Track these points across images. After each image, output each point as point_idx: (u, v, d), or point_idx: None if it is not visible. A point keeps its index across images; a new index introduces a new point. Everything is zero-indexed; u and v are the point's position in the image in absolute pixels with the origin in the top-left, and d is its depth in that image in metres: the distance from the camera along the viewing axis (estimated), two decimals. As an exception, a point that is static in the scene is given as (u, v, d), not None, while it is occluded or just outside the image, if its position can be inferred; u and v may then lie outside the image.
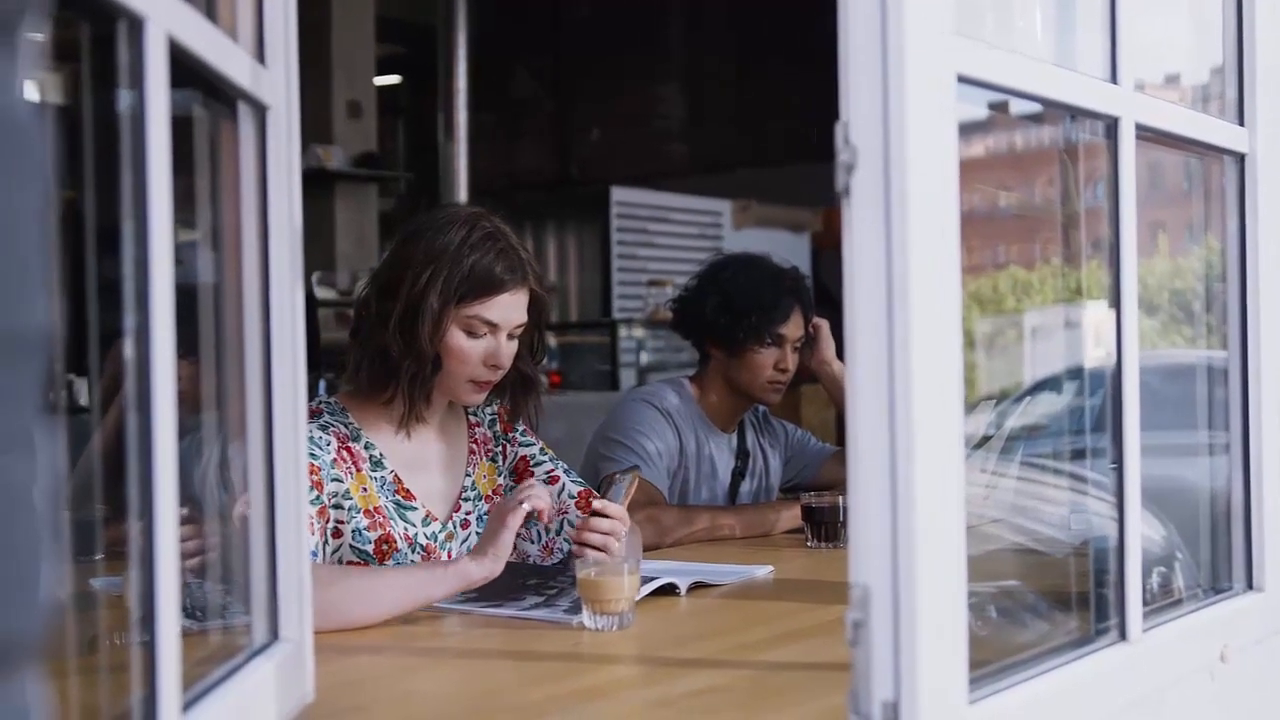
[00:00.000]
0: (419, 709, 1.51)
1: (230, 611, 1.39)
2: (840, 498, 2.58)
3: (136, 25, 0.95)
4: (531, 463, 2.34)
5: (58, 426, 0.60)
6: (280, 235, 1.33)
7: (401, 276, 2.11)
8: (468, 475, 2.28)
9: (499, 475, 2.32)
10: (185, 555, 1.34)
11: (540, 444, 2.37)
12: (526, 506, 1.92)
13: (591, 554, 2.05)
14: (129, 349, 0.97)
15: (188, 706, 1.06)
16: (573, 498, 2.28)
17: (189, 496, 1.15)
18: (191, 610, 1.27)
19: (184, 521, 1.30)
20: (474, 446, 2.31)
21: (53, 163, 0.59)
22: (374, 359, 2.14)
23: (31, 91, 0.58)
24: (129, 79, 0.97)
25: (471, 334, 2.13)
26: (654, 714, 1.44)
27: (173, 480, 0.98)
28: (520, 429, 2.37)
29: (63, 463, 0.64)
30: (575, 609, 1.86)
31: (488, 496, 2.29)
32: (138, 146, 0.97)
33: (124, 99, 0.98)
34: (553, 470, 2.33)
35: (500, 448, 2.34)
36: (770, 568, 2.30)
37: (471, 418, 2.33)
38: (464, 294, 2.10)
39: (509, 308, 2.15)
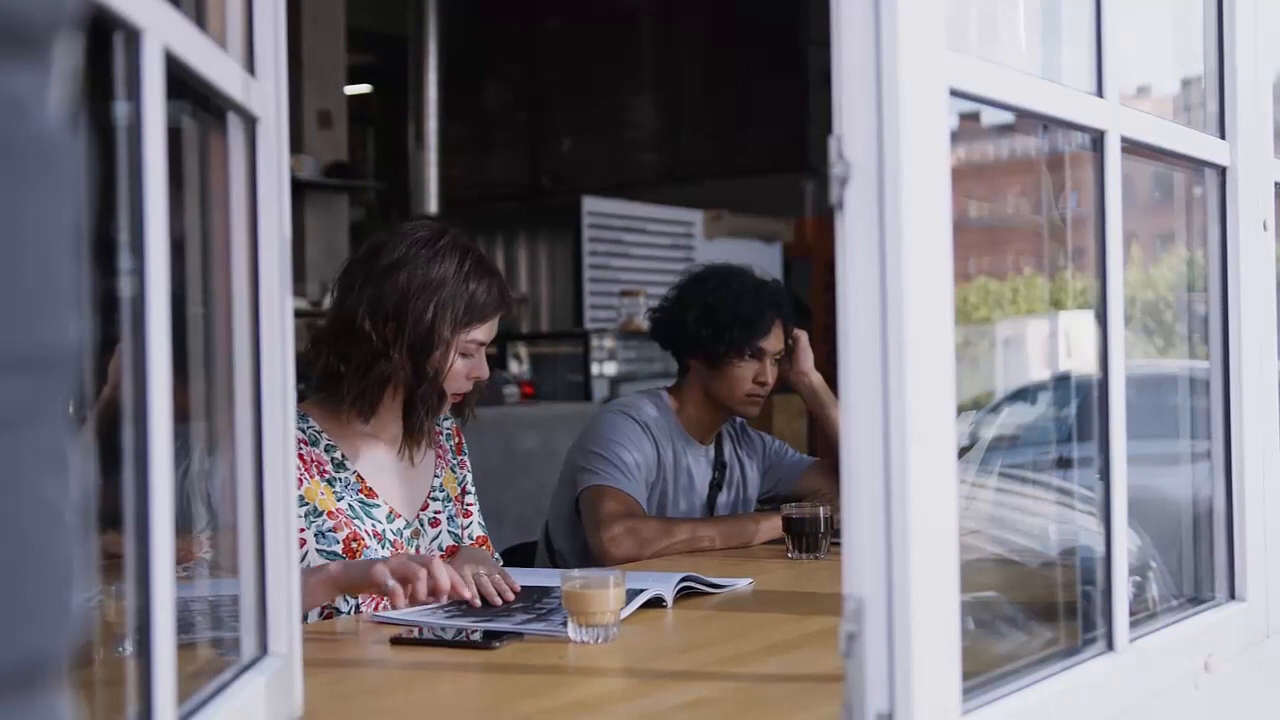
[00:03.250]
0: (406, 723, 1.51)
1: (215, 625, 1.38)
2: (821, 509, 2.58)
3: (134, 37, 0.95)
4: (465, 491, 2.44)
5: (83, 443, 0.60)
6: (270, 246, 1.32)
7: (402, 306, 2.16)
8: (436, 476, 2.36)
9: (456, 485, 2.41)
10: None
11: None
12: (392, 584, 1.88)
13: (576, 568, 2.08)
14: (125, 360, 0.96)
15: (181, 722, 1.05)
16: (472, 539, 2.36)
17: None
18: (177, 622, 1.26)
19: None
20: (440, 451, 2.39)
21: (85, 179, 0.59)
22: (376, 386, 2.19)
23: (64, 107, 0.58)
24: (125, 90, 0.96)
25: (464, 355, 2.22)
26: (645, 727, 1.44)
27: (168, 494, 0.98)
28: (464, 455, 2.46)
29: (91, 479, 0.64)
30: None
31: (455, 498, 2.38)
32: (134, 158, 0.96)
33: (119, 109, 0.97)
34: (472, 505, 2.44)
35: (458, 460, 2.44)
36: (750, 580, 2.30)
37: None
38: (468, 322, 2.20)
39: (495, 325, 2.27)
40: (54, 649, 0.54)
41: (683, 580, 2.12)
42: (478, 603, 1.98)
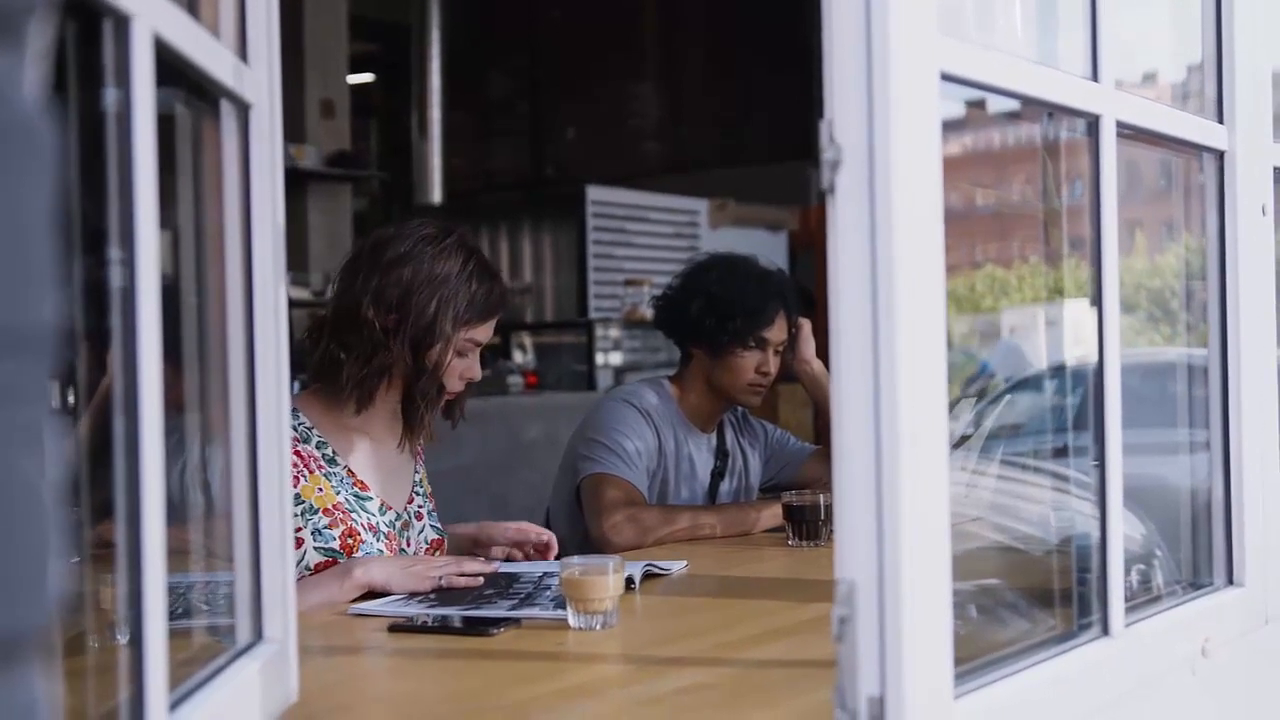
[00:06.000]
0: (402, 709, 1.51)
1: (209, 611, 1.38)
2: (821, 496, 2.59)
3: (123, 23, 0.95)
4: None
5: (64, 423, 0.61)
6: (263, 235, 1.32)
7: (405, 299, 2.18)
8: (416, 472, 2.38)
9: (428, 483, 2.44)
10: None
11: None
12: (443, 582, 2.07)
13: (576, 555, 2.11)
14: (116, 350, 0.96)
15: (174, 706, 1.05)
16: (426, 543, 2.36)
17: (168, 498, 1.15)
18: (172, 610, 1.26)
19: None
20: (419, 449, 2.41)
21: (59, 161, 0.59)
22: (375, 376, 2.20)
23: (38, 90, 0.58)
24: (114, 77, 0.96)
25: (460, 354, 2.24)
26: (642, 712, 1.44)
27: (159, 481, 0.98)
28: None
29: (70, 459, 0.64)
30: (561, 604, 1.85)
31: (429, 495, 2.41)
32: (123, 145, 0.96)
33: (108, 96, 0.97)
34: (430, 506, 2.44)
35: (424, 460, 2.46)
36: (685, 563, 2.32)
37: None
38: (468, 320, 2.22)
39: (492, 327, 2.29)
40: (31, 624, 0.54)
41: (645, 566, 2.19)
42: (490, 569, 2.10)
